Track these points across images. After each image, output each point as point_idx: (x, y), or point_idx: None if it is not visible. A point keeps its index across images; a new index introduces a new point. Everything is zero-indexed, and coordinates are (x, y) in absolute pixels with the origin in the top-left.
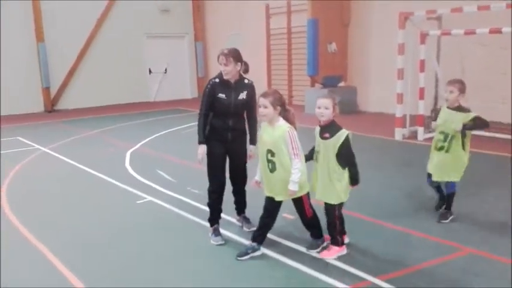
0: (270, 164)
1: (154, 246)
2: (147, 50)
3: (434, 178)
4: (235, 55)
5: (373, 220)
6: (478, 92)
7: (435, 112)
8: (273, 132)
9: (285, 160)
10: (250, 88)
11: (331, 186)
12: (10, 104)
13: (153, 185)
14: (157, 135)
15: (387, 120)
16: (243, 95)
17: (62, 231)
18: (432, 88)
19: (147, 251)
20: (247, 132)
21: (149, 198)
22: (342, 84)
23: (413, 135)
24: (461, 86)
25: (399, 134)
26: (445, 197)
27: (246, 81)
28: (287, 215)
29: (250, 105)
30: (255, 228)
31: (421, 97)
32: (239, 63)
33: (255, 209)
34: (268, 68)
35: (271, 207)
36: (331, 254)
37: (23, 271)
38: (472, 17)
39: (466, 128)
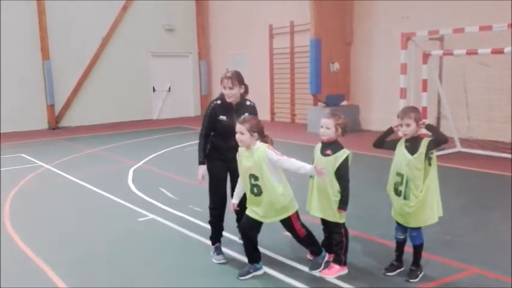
0: (255, 189)
1: (155, 264)
2: (151, 69)
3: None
4: (238, 78)
5: (375, 239)
6: (480, 111)
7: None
8: (253, 156)
9: (269, 182)
10: (252, 109)
11: (331, 203)
12: (14, 121)
13: (156, 203)
14: (160, 152)
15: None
16: None
17: (63, 248)
18: (435, 107)
19: (148, 268)
20: None
21: (151, 215)
22: (344, 103)
23: None
24: (416, 115)
25: None
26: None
27: (247, 102)
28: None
29: None
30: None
31: (424, 116)
32: (242, 86)
33: None
34: (271, 87)
35: (250, 225)
36: (332, 273)
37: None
38: (474, 38)
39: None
